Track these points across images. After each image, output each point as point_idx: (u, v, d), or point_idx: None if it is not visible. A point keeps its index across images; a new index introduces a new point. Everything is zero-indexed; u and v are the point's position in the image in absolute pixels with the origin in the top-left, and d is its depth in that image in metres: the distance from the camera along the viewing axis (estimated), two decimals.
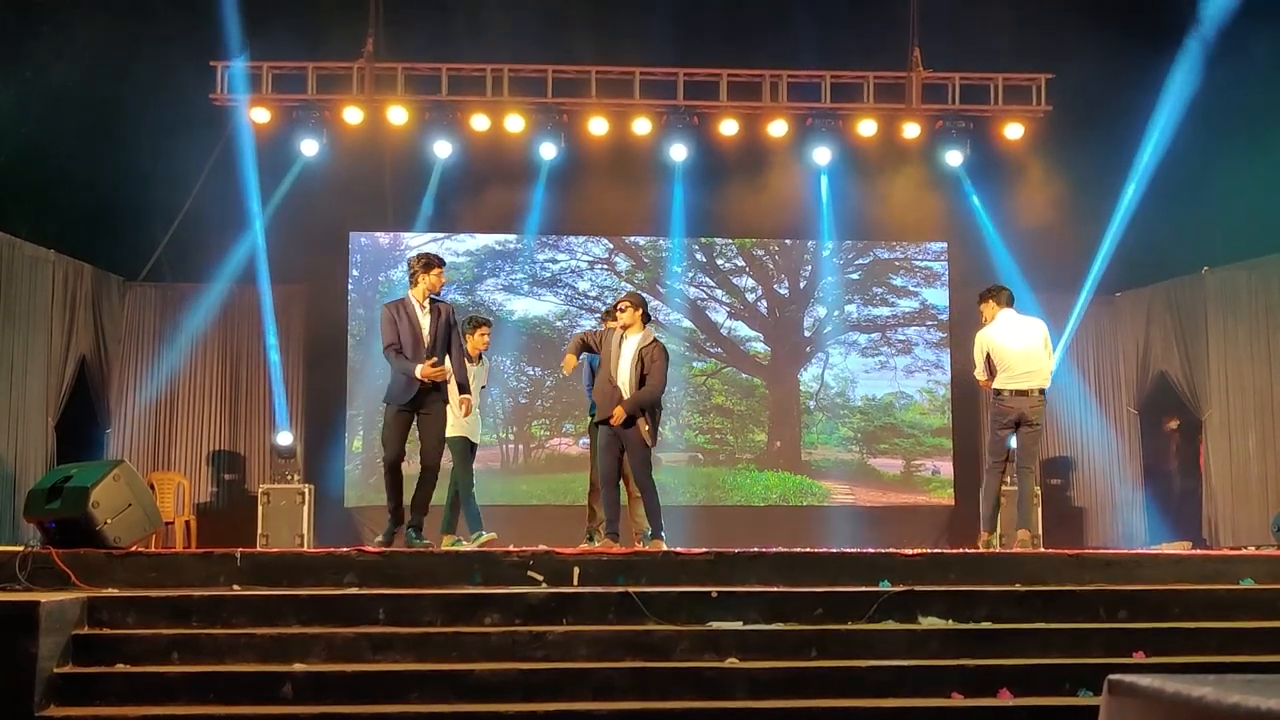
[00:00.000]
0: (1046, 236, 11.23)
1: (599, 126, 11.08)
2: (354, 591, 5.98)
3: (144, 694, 5.17)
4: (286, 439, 11.10)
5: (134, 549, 6.64)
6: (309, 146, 11.01)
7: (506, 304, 11.94)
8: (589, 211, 11.90)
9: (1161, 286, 11.55)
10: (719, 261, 12.23)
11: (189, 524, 10.76)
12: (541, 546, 6.90)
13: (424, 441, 7.51)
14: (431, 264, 7.60)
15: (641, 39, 11.00)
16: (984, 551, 7.82)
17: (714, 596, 5.87)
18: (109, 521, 6.53)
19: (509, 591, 5.91)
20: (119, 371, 11.29)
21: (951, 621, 5.85)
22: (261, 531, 10.40)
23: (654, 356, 7.64)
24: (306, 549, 9.69)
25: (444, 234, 11.92)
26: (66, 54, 9.87)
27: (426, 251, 7.97)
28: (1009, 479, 8.68)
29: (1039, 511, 9.99)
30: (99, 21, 9.91)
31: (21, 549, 6.21)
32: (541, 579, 6.11)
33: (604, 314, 8.71)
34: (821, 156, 11.36)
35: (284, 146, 11.08)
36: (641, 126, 11.13)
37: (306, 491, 10.60)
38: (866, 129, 11.16)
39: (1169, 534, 11.02)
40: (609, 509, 7.76)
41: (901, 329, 12.13)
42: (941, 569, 6.45)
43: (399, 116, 10.90)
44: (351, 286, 11.86)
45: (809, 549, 8.05)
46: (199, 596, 5.75)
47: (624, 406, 7.54)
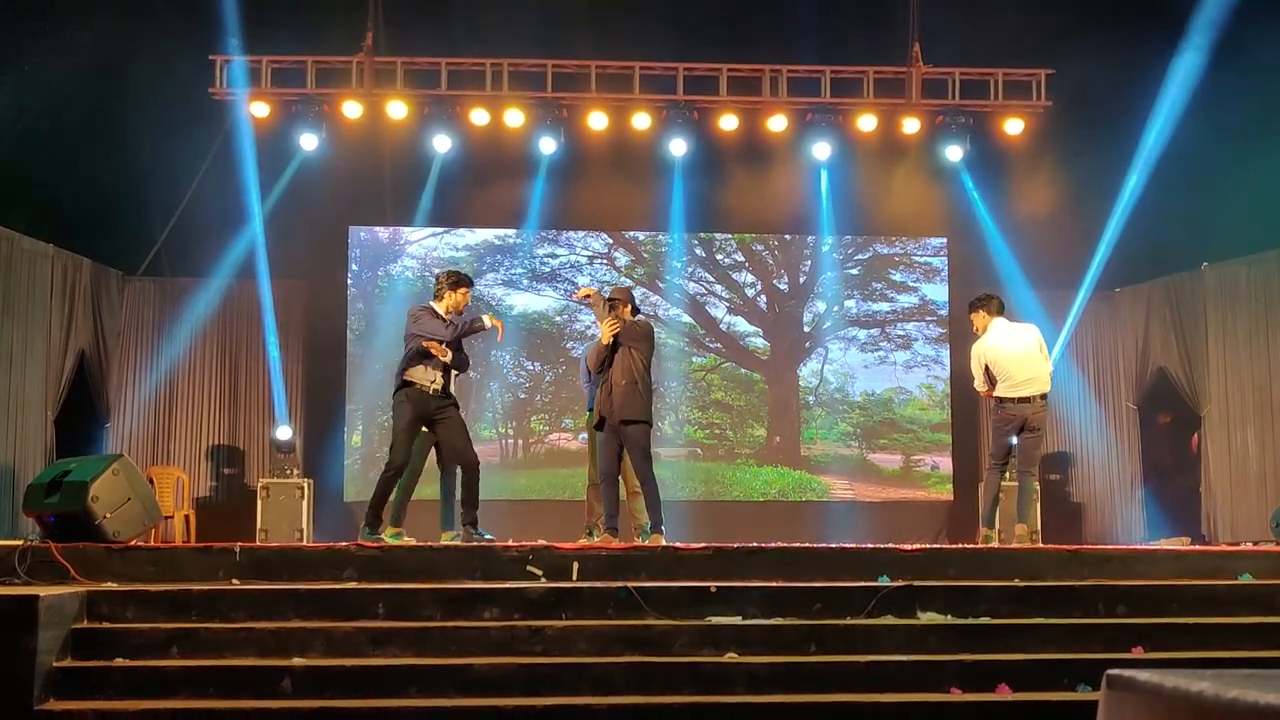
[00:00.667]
0: (1046, 232, 11.23)
1: (598, 121, 11.07)
2: (353, 586, 5.97)
3: (143, 688, 5.17)
4: (286, 433, 11.09)
5: (133, 543, 6.64)
6: (308, 141, 11.01)
7: (506, 299, 11.93)
8: (588, 206, 11.90)
9: (1161, 282, 11.54)
10: (718, 257, 12.22)
11: (188, 518, 10.76)
12: (540, 541, 6.89)
13: (454, 446, 7.57)
14: (460, 283, 7.59)
15: (641, 34, 11.01)
16: (983, 547, 7.83)
17: (713, 591, 5.86)
18: (108, 516, 6.54)
19: (508, 586, 5.91)
20: (118, 366, 11.29)
21: (950, 617, 5.85)
22: (261, 526, 10.42)
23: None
24: (306, 544, 9.68)
25: (443, 229, 11.91)
26: (66, 49, 9.87)
27: (458, 270, 7.95)
28: (1009, 476, 8.68)
29: (1038, 507, 9.99)
30: (98, 16, 9.90)
31: (21, 543, 6.22)
32: (541, 574, 6.11)
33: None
34: (821, 151, 11.35)
35: (283, 141, 11.08)
36: (641, 121, 11.12)
37: (306, 486, 10.62)
38: (866, 124, 11.16)
39: (1168, 529, 11.02)
40: (608, 504, 7.77)
41: (901, 324, 12.12)
42: (940, 564, 6.46)
43: (398, 111, 10.90)
44: (351, 281, 11.84)
45: (808, 544, 8.03)
46: (198, 591, 5.75)
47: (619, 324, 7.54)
